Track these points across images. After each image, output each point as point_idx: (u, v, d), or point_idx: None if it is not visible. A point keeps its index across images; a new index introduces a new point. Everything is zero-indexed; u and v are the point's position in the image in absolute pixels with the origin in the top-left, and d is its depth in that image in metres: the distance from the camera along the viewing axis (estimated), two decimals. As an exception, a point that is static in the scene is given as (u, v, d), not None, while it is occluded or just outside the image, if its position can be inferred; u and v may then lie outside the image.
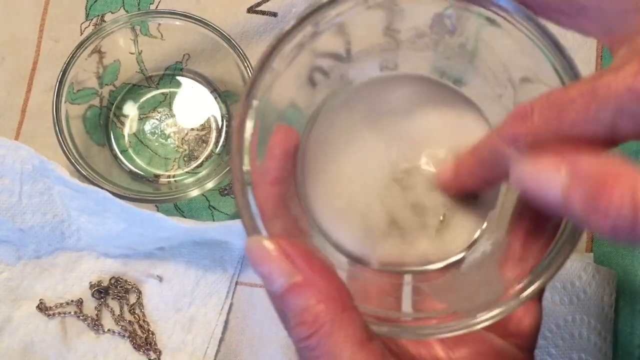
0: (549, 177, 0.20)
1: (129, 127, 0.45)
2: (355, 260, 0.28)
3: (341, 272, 0.24)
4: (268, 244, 0.22)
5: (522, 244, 0.25)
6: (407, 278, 0.27)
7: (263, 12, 0.47)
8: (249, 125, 0.23)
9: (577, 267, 0.41)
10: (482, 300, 0.23)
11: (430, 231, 0.27)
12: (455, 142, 0.27)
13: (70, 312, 0.43)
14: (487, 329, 0.24)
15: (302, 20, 0.24)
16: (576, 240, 0.23)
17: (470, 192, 0.27)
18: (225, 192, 0.45)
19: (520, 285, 0.23)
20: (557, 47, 0.23)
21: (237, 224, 0.41)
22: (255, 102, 0.24)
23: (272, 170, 0.25)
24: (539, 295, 0.26)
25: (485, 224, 0.27)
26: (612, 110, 0.19)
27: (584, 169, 0.19)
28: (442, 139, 0.27)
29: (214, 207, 0.45)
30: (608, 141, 0.20)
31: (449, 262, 0.27)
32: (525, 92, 0.26)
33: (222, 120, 0.45)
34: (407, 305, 0.26)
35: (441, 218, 0.27)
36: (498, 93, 0.28)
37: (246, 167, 0.23)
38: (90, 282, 0.43)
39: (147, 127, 0.45)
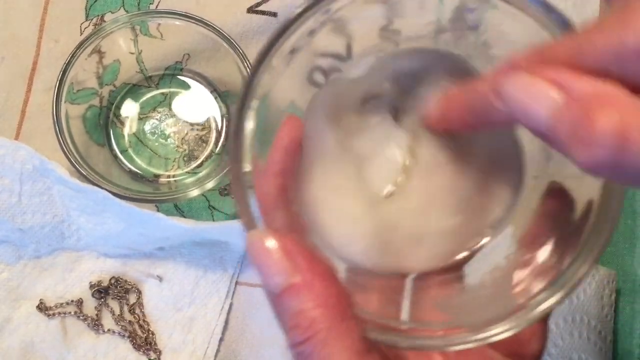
0: (541, 94, 0.18)
1: (129, 127, 0.45)
2: (353, 263, 0.26)
3: (340, 274, 0.23)
4: (269, 240, 0.21)
5: (538, 260, 0.23)
6: (409, 284, 0.26)
7: (263, 12, 0.47)
8: (250, 115, 0.22)
9: (577, 267, 0.41)
10: (494, 314, 0.22)
11: (436, 228, 0.26)
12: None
13: (70, 312, 0.42)
14: (492, 346, 0.23)
15: (301, 15, 0.23)
16: (596, 257, 0.21)
17: (459, 133, 0.25)
18: (225, 192, 0.45)
19: (534, 301, 0.22)
20: None
21: (237, 224, 0.41)
22: (255, 102, 0.23)
23: (277, 162, 0.24)
24: (548, 314, 0.24)
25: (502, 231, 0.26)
26: (596, 61, 0.18)
27: (578, 90, 0.17)
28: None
29: (214, 207, 0.45)
30: None
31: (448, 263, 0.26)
32: None
33: (222, 120, 0.45)
34: (405, 313, 0.25)
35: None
36: None
37: (247, 162, 0.22)
38: (90, 282, 0.43)
39: (147, 127, 0.45)
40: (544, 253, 0.23)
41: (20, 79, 0.46)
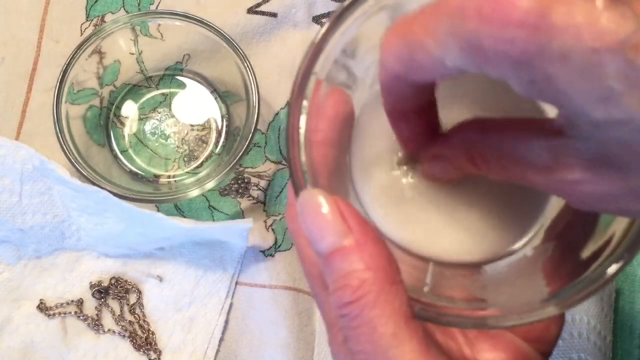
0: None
1: (129, 127, 0.45)
2: (387, 237, 0.27)
3: None
4: (323, 199, 0.20)
5: (569, 252, 0.23)
6: (432, 266, 0.27)
7: (263, 13, 0.47)
8: (308, 93, 0.23)
9: (577, 267, 0.41)
10: (525, 299, 0.22)
11: (466, 224, 0.26)
12: None
13: (70, 312, 0.43)
14: (511, 330, 0.23)
15: (338, 20, 0.23)
16: (631, 255, 0.21)
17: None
18: (225, 192, 0.45)
19: (567, 290, 0.22)
20: None
21: (237, 224, 0.41)
22: (313, 78, 0.23)
23: (322, 131, 0.24)
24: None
25: (530, 232, 0.27)
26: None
27: None
28: None
29: (214, 207, 0.45)
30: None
31: (479, 260, 0.27)
32: None
33: (222, 121, 0.45)
34: (427, 288, 0.25)
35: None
36: None
37: (303, 125, 0.22)
38: (91, 282, 0.43)
39: (147, 127, 0.45)
40: (574, 247, 0.24)
41: (21, 80, 0.46)
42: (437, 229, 0.26)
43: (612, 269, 0.22)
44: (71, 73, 0.41)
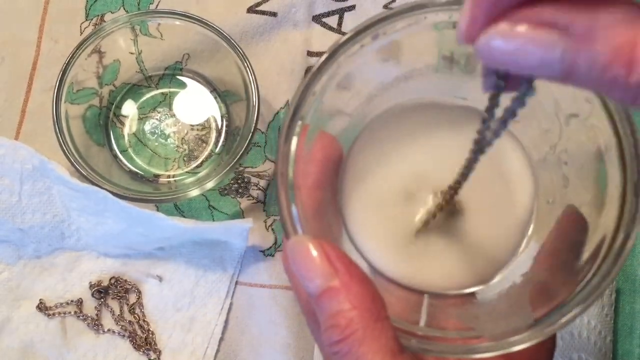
0: (541, 42, 0.15)
1: (129, 127, 0.45)
2: (380, 273, 0.28)
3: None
4: (311, 245, 0.22)
5: (554, 278, 0.23)
6: (427, 299, 0.28)
7: (263, 12, 0.47)
8: (294, 141, 0.24)
9: (577, 267, 0.41)
10: (514, 325, 0.23)
11: (457, 255, 0.28)
12: (491, 173, 0.28)
13: (70, 312, 0.43)
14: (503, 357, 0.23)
15: (336, 51, 0.25)
16: (614, 273, 0.22)
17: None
18: (225, 191, 0.45)
19: (553, 314, 0.23)
20: None
21: (237, 223, 0.41)
22: (299, 123, 0.24)
23: (312, 174, 0.26)
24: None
25: (517, 256, 0.28)
26: None
27: (572, 23, 0.15)
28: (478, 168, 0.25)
29: (213, 207, 0.45)
30: None
31: (469, 290, 0.28)
32: (573, 127, 0.26)
33: (222, 120, 0.45)
34: (423, 321, 0.26)
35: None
36: (545, 128, 0.27)
37: (290, 175, 0.24)
38: (90, 282, 0.43)
39: (147, 127, 0.45)
40: (558, 272, 0.24)
41: (20, 79, 0.46)
42: (429, 262, 0.27)
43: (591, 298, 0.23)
44: (71, 73, 0.41)
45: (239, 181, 0.45)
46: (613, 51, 0.15)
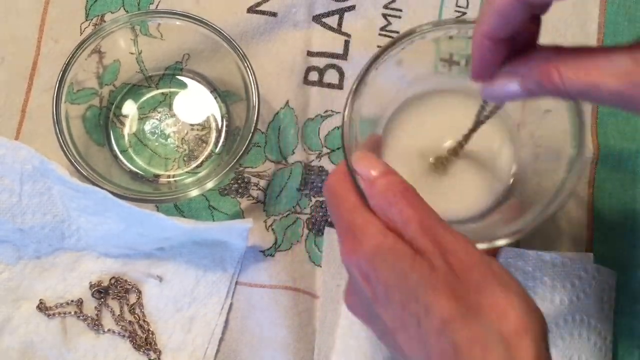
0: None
1: (129, 127, 0.45)
2: None
3: None
4: (367, 152, 0.33)
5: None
6: None
7: (263, 12, 0.47)
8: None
9: (577, 267, 0.41)
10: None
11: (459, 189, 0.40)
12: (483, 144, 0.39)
13: (70, 312, 0.43)
14: None
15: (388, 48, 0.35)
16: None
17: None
18: (225, 192, 0.45)
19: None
20: None
21: (237, 223, 0.41)
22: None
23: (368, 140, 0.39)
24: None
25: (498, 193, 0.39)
26: None
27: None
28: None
29: (213, 207, 0.45)
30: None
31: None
32: (547, 121, 0.37)
33: (222, 120, 0.45)
34: None
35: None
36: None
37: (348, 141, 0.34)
38: (90, 282, 0.43)
39: (147, 127, 0.45)
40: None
41: (20, 79, 0.46)
42: (437, 197, 0.34)
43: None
44: (71, 73, 0.41)
45: (239, 181, 0.45)
46: (538, 75, 0.27)
